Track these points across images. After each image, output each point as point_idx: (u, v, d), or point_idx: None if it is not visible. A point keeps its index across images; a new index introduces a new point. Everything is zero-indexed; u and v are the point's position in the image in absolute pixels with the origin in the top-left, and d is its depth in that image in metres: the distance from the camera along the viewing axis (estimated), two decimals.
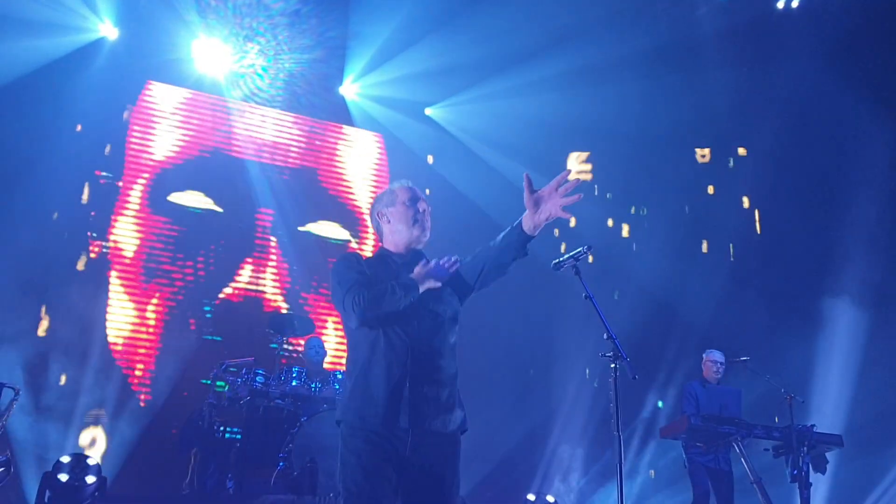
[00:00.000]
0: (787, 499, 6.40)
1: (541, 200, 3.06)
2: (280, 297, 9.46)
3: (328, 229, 10.11)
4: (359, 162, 10.53)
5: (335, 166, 10.42)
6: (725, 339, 8.26)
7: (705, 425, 6.21)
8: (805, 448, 6.08)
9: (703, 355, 7.03)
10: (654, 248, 10.25)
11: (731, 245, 10.68)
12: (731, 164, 11.04)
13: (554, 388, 10.13)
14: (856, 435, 7.77)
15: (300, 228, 9.89)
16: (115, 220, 8.98)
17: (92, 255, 8.75)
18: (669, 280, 9.82)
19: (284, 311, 8.93)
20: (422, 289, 3.01)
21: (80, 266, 8.58)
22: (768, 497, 6.01)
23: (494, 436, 9.21)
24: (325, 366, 7.63)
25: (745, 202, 10.91)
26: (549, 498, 7.13)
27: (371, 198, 10.49)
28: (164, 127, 9.46)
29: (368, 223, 10.28)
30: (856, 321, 8.90)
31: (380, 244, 3.37)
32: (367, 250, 10.26)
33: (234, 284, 9.29)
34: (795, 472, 6.06)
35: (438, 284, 3.04)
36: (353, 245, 10.20)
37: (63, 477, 5.33)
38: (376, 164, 10.71)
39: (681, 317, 9.81)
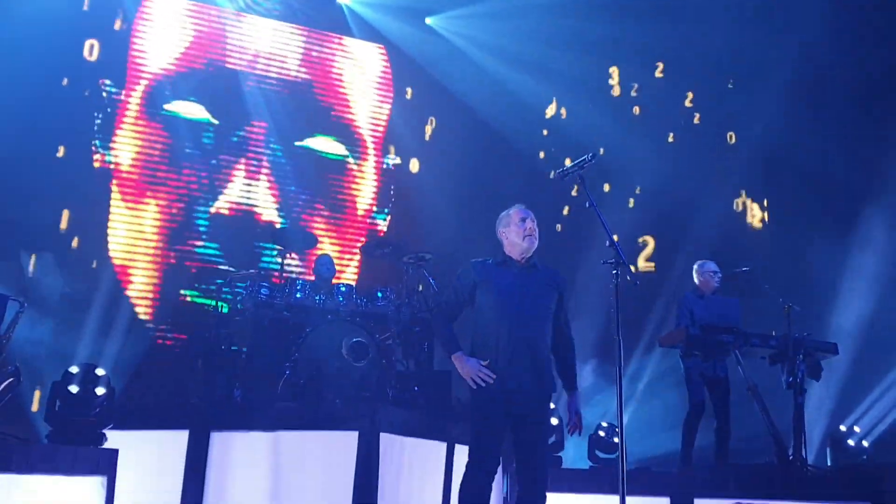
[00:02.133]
0: (781, 405, 6.54)
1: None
2: (275, 212, 9.47)
3: (325, 145, 10.04)
4: (359, 75, 10.36)
5: (333, 79, 10.26)
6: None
7: (704, 335, 6.30)
8: (801, 356, 6.19)
9: (696, 267, 7.00)
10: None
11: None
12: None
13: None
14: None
15: (297, 143, 9.82)
16: (117, 130, 8.97)
17: (95, 165, 8.76)
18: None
19: (279, 226, 8.96)
20: (451, 356, 4.05)
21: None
22: (763, 403, 6.15)
23: None
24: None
25: None
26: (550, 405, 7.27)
27: (373, 113, 10.40)
28: (161, 37, 9.33)
29: (367, 141, 10.41)
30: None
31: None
32: (368, 168, 10.24)
33: (228, 197, 9.29)
34: (791, 379, 6.19)
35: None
36: (351, 161, 10.14)
37: (73, 388, 5.42)
38: (380, 77, 10.53)
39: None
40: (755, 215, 10.03)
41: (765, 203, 10.52)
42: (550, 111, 11.11)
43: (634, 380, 9.57)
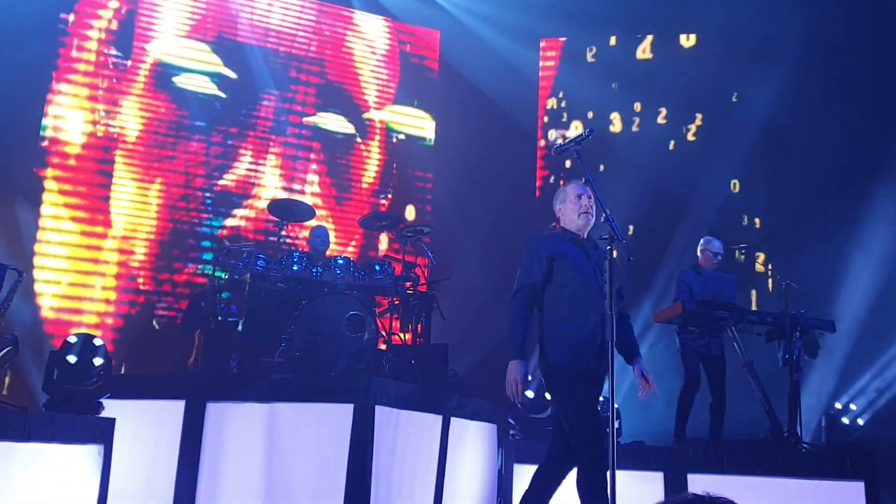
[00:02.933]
0: (777, 383, 6.56)
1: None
2: (281, 188, 9.47)
3: (333, 122, 10.02)
4: (367, 52, 10.33)
5: (343, 56, 10.22)
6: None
7: (700, 310, 6.30)
8: (798, 333, 6.19)
9: (702, 243, 7.02)
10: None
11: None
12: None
13: None
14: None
15: (305, 120, 9.79)
16: (122, 100, 8.95)
17: (99, 135, 8.76)
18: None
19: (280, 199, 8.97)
20: (511, 360, 3.93)
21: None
22: (759, 380, 6.17)
23: (493, 319, 9.40)
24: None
25: None
26: None
27: (379, 90, 10.36)
28: (171, 9, 9.28)
29: (375, 120, 10.39)
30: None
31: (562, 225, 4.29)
32: (373, 147, 10.22)
33: (234, 172, 9.28)
34: (787, 356, 6.20)
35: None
36: (359, 140, 10.12)
37: (71, 358, 5.44)
38: (385, 52, 10.48)
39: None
40: (757, 194, 9.96)
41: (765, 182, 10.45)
42: (553, 92, 11.06)
43: None
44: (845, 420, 7.61)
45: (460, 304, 8.82)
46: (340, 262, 6.76)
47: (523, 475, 6.12)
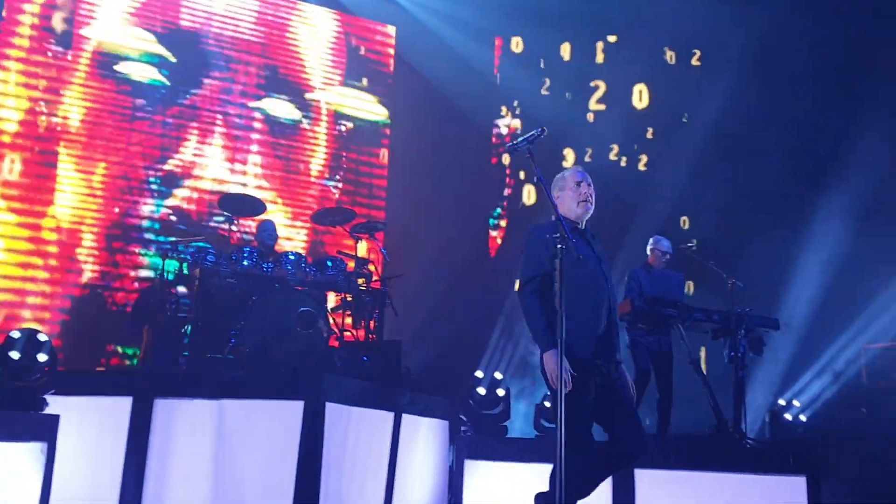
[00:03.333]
0: (724, 379, 6.69)
1: None
2: (227, 175, 9.36)
3: (279, 108, 9.91)
4: (314, 39, 10.22)
5: (288, 42, 10.11)
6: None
7: (649, 307, 6.39)
8: (743, 331, 6.32)
9: (651, 242, 7.14)
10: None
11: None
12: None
13: (506, 272, 10.31)
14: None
15: (251, 105, 9.68)
16: (63, 90, 8.74)
17: (41, 129, 8.56)
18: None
19: (233, 192, 8.87)
20: (544, 353, 3.80)
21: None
22: (705, 376, 6.29)
23: (446, 316, 9.43)
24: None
25: None
26: (497, 374, 7.35)
27: (326, 77, 10.29)
28: None
29: (321, 105, 10.31)
30: (839, 229, 9.00)
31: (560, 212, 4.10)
32: (320, 133, 10.14)
33: (179, 159, 9.15)
34: (732, 353, 6.32)
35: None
36: (306, 126, 10.03)
37: (14, 354, 5.30)
38: (333, 43, 10.41)
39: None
40: (704, 194, 10.12)
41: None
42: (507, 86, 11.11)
43: None
44: (788, 416, 7.78)
45: (414, 300, 8.82)
46: (292, 257, 6.69)
47: (474, 471, 6.16)
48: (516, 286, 3.97)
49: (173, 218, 8.96)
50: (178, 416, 5.32)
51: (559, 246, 3.73)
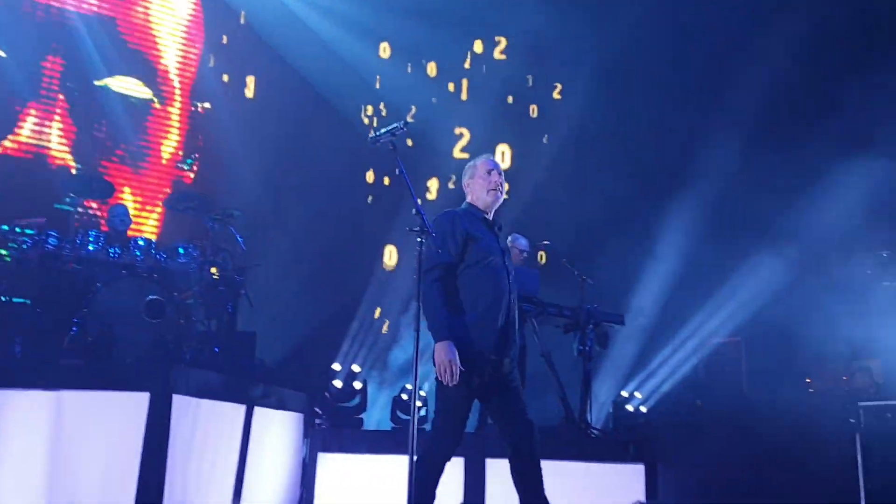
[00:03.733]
0: (571, 371, 6.94)
1: None
2: (69, 156, 8.82)
3: (128, 85, 9.44)
4: (167, 16, 9.79)
5: (137, 17, 9.62)
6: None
7: None
8: (591, 326, 6.58)
9: (509, 240, 7.30)
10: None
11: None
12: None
13: (366, 265, 10.29)
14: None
15: (96, 82, 9.16)
16: None
17: None
18: None
19: (75, 171, 8.37)
20: (437, 342, 3.67)
21: None
22: (555, 369, 6.51)
23: (304, 307, 9.29)
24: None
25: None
26: (355, 367, 7.34)
27: (181, 56, 9.90)
28: None
29: (174, 84, 9.87)
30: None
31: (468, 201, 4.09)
32: (174, 113, 9.75)
33: (15, 137, 8.55)
34: (581, 347, 6.58)
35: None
36: (157, 105, 9.61)
37: None
38: (190, 19, 10.01)
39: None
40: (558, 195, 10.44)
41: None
42: (378, 76, 11.06)
43: None
44: (630, 408, 8.17)
45: (271, 291, 8.62)
46: (141, 243, 6.39)
47: (328, 464, 6.10)
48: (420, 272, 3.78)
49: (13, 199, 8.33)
50: (11, 408, 4.96)
51: (465, 235, 3.78)
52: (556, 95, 11.10)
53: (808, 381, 7.86)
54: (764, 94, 9.03)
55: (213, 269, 6.62)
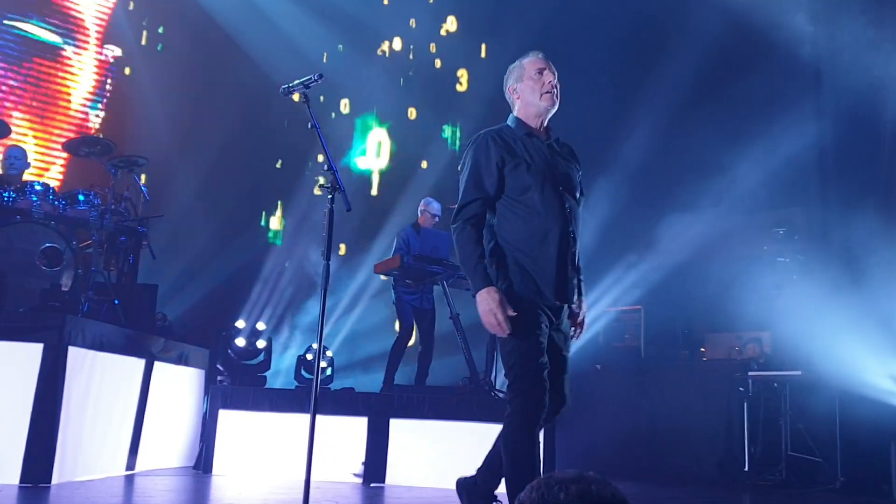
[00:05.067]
0: (479, 334, 7.03)
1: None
2: None
3: (34, 28, 8.94)
4: None
5: None
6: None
7: (417, 264, 6.55)
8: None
9: (422, 204, 7.30)
10: None
11: None
12: None
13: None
14: None
15: (5, 22, 8.64)
16: None
17: None
18: None
19: None
20: (476, 291, 3.02)
21: None
22: (463, 332, 6.57)
23: (209, 261, 9.09)
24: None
25: None
26: (260, 325, 7.24)
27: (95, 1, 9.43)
28: None
29: (86, 24, 9.39)
30: None
31: (514, 114, 3.34)
32: (87, 58, 9.29)
33: None
34: None
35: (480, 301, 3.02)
36: (66, 50, 9.13)
37: None
38: None
39: None
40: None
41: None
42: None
43: (350, 307, 9.81)
44: None
45: (174, 243, 8.39)
46: (38, 187, 6.08)
47: (228, 420, 6.03)
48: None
49: None
50: None
51: (502, 163, 3.12)
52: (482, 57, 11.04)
53: (702, 349, 8.19)
54: (684, 68, 9.21)
55: (115, 218, 6.37)
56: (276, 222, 10.62)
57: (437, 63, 11.28)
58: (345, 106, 11.16)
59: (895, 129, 7.46)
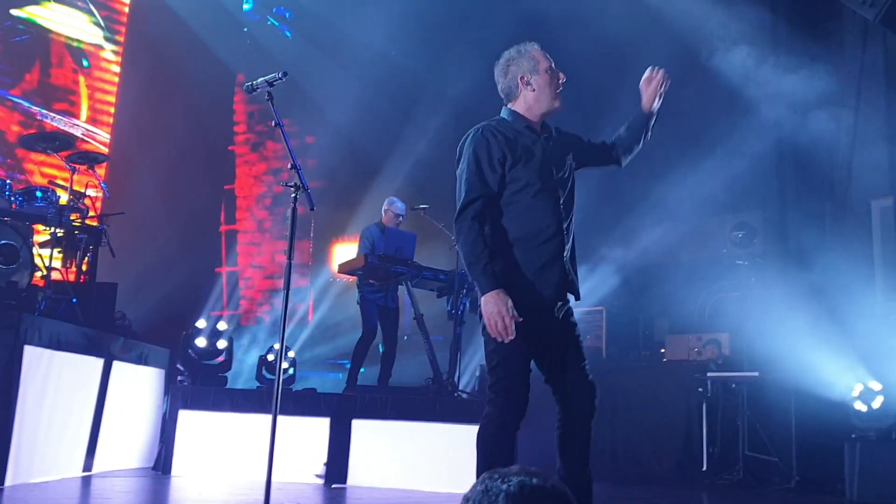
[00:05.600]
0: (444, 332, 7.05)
1: (645, 90, 3.30)
2: None
3: None
4: None
5: None
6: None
7: (381, 264, 6.54)
8: (464, 290, 6.67)
9: (386, 203, 7.28)
10: None
11: None
12: None
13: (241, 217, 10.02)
14: None
15: None
16: None
17: None
18: None
19: None
20: (483, 293, 2.92)
21: None
22: (426, 331, 6.58)
23: (171, 260, 8.98)
24: None
25: None
26: (221, 325, 7.15)
27: None
28: None
29: (39, 22, 9.22)
30: None
31: (512, 107, 3.18)
32: (37, 50, 9.12)
33: None
34: (453, 311, 6.67)
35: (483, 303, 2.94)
36: (20, 41, 8.95)
37: None
38: None
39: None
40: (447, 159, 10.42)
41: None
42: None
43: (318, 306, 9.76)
44: None
45: (136, 241, 8.28)
46: None
47: (188, 421, 5.98)
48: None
49: None
50: None
51: (503, 159, 3.02)
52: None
53: (662, 351, 8.28)
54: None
55: (74, 215, 6.26)
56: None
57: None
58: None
59: (850, 134, 7.61)
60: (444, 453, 5.69)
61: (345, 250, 9.75)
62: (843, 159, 7.56)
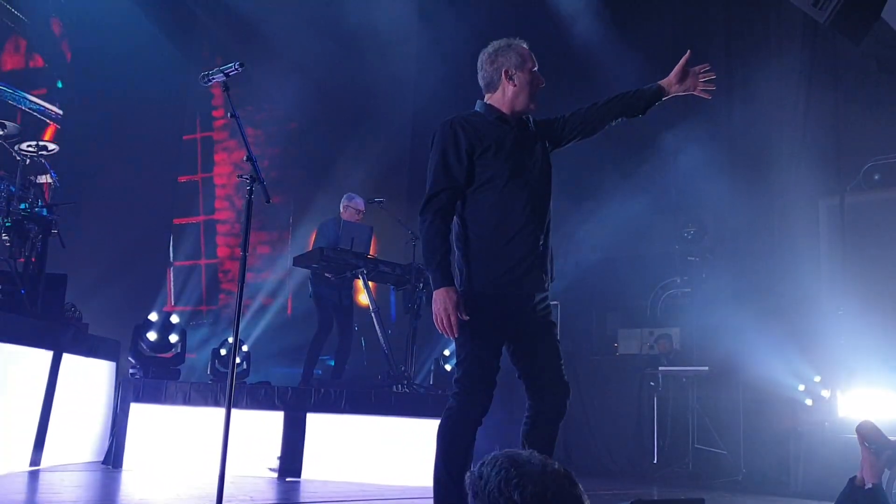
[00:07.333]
0: (401, 327, 7.06)
1: (687, 76, 3.26)
2: None
3: None
4: None
5: None
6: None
7: (336, 257, 6.51)
8: (421, 284, 6.68)
9: (344, 199, 7.23)
10: None
11: None
12: None
13: (191, 210, 9.90)
14: None
15: None
16: None
17: None
18: None
19: None
20: (434, 288, 2.91)
21: None
22: (383, 325, 6.59)
23: (124, 252, 8.85)
24: None
25: None
26: (174, 318, 7.06)
27: None
28: None
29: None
30: None
31: (488, 100, 3.13)
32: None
33: None
34: (410, 304, 6.68)
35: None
36: None
37: None
38: None
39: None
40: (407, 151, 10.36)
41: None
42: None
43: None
44: (448, 367, 8.40)
45: (88, 231, 8.14)
46: None
47: (140, 414, 5.91)
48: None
49: None
50: None
51: (471, 150, 2.97)
52: None
53: (615, 345, 8.40)
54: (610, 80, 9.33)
55: (22, 205, 6.13)
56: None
57: None
58: None
59: (799, 133, 7.78)
60: (398, 447, 5.71)
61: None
62: (792, 159, 7.73)
